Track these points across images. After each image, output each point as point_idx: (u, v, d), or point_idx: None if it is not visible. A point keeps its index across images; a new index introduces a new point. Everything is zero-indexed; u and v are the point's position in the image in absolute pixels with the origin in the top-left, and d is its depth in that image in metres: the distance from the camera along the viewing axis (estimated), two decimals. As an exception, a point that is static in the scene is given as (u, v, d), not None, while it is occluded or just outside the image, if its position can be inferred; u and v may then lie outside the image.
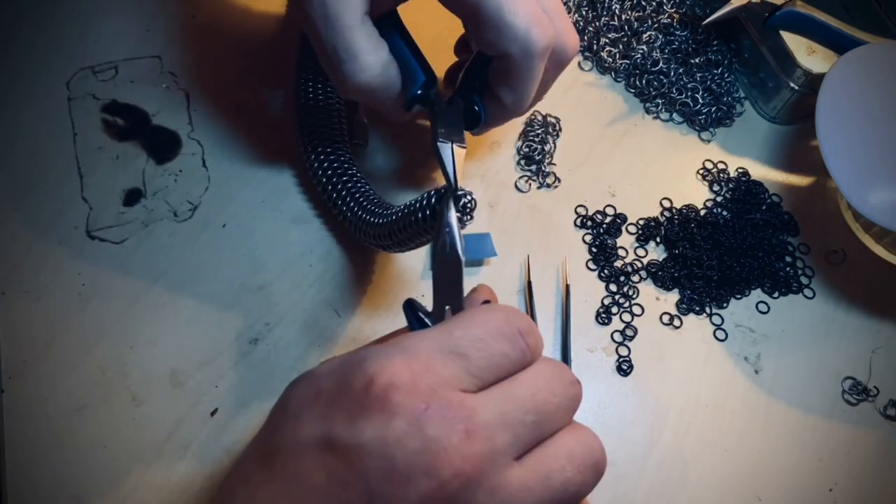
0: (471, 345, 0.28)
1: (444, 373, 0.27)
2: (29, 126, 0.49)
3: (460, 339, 0.28)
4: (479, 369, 0.28)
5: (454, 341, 0.28)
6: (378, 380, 0.26)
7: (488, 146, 0.53)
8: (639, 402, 0.46)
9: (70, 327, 0.43)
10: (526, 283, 0.48)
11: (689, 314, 0.49)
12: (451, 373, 0.27)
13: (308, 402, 0.28)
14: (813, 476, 0.45)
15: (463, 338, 0.28)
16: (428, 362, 0.27)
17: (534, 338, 0.30)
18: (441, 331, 0.29)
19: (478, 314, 0.30)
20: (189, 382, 0.43)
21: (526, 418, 0.28)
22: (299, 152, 0.48)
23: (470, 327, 0.29)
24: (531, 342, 0.29)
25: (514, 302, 0.48)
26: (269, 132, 0.50)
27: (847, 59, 0.51)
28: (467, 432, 0.26)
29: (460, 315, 0.30)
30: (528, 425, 0.28)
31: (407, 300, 0.33)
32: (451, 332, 0.29)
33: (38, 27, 0.52)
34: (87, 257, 0.45)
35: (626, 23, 0.58)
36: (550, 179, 0.52)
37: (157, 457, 0.41)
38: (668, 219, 0.52)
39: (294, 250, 0.47)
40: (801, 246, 0.53)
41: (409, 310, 0.33)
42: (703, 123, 0.56)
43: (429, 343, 0.28)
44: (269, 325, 0.45)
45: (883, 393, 0.48)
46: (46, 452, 0.40)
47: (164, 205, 0.47)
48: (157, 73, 0.51)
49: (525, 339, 0.29)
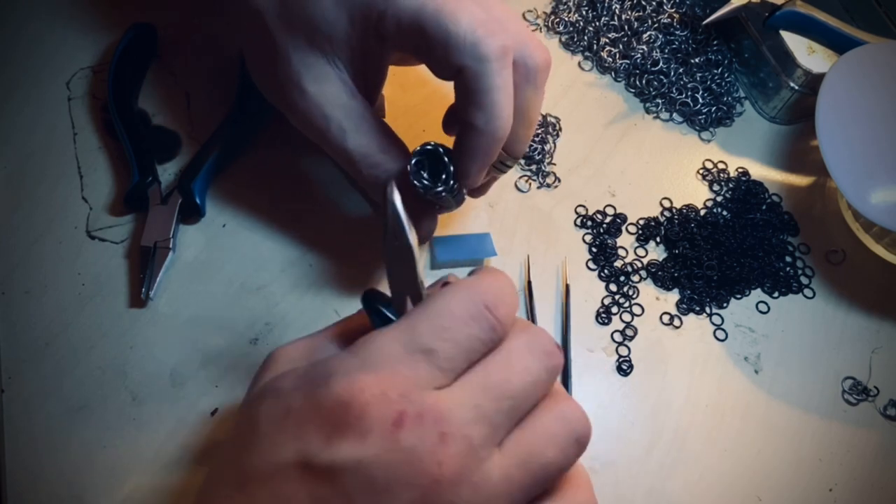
0: (436, 337, 0.27)
1: (414, 375, 0.27)
2: (29, 126, 0.49)
3: (423, 333, 0.27)
4: (449, 361, 0.27)
5: (417, 338, 0.27)
6: (347, 398, 0.26)
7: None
8: (639, 402, 0.46)
9: (70, 327, 0.43)
10: (526, 283, 0.48)
11: (689, 314, 0.49)
12: (421, 374, 0.27)
13: (278, 420, 0.27)
14: (813, 476, 0.45)
15: (426, 332, 0.27)
16: (394, 368, 0.27)
17: (504, 308, 0.28)
18: (403, 328, 0.28)
19: (438, 300, 0.28)
20: (189, 382, 0.43)
21: (502, 405, 0.27)
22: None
23: (432, 317, 0.28)
24: (501, 314, 0.28)
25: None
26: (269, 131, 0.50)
27: (847, 59, 0.51)
28: (441, 436, 0.26)
29: (421, 305, 0.29)
30: (505, 411, 0.27)
31: (365, 292, 0.31)
32: (413, 327, 0.28)
33: (38, 27, 0.52)
34: (87, 257, 0.45)
35: (626, 23, 0.58)
36: (550, 179, 0.52)
37: (156, 457, 0.41)
38: (668, 219, 0.52)
39: (294, 250, 0.47)
40: (801, 246, 0.53)
41: (368, 304, 0.31)
42: (703, 123, 0.56)
43: (392, 346, 0.27)
44: (269, 325, 0.45)
45: (883, 393, 0.48)
46: (46, 452, 0.40)
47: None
48: (157, 73, 0.51)
49: (494, 314, 0.28)
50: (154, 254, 0.44)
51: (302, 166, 0.49)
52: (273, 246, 0.47)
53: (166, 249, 0.44)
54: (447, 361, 0.27)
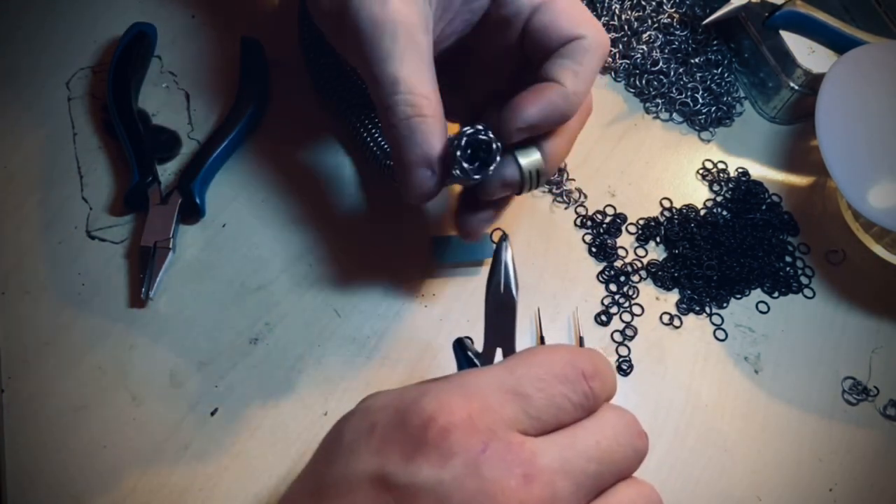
0: (532, 385, 0.27)
1: (504, 413, 0.26)
2: (29, 126, 0.49)
3: (521, 378, 0.27)
4: (539, 411, 0.27)
5: (515, 380, 0.27)
6: (436, 417, 0.26)
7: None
8: (639, 402, 0.46)
9: (70, 327, 0.43)
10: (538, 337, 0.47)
11: (689, 314, 0.49)
12: (511, 413, 0.26)
13: (362, 435, 0.27)
14: (813, 476, 0.45)
15: (524, 377, 0.27)
16: (487, 401, 0.26)
17: (600, 382, 0.28)
18: (502, 369, 0.28)
19: (540, 354, 0.28)
20: (189, 382, 0.43)
21: (589, 467, 0.26)
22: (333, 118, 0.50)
23: (532, 366, 0.28)
24: (596, 386, 0.28)
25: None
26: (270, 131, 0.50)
27: (847, 59, 0.51)
28: (526, 476, 0.25)
29: (522, 354, 0.29)
30: (591, 475, 0.26)
31: (457, 340, 0.32)
32: (512, 370, 0.28)
33: (38, 27, 0.52)
34: (87, 257, 0.45)
35: (626, 23, 0.58)
36: (575, 195, 0.52)
37: (156, 457, 0.41)
38: (668, 219, 0.52)
39: (294, 250, 0.47)
40: (801, 246, 0.53)
41: (458, 350, 0.32)
42: (702, 123, 0.56)
43: (489, 380, 0.27)
44: (269, 325, 0.45)
45: (883, 393, 0.48)
46: (46, 452, 0.40)
47: (163, 205, 0.48)
48: (157, 73, 0.51)
49: (589, 383, 0.28)
50: (154, 254, 0.44)
51: (302, 166, 0.49)
52: (273, 246, 0.47)
53: (166, 249, 0.44)
54: (538, 410, 0.27)
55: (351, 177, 0.50)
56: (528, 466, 0.25)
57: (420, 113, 0.36)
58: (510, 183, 0.38)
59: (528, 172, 0.38)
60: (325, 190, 0.49)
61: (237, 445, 0.42)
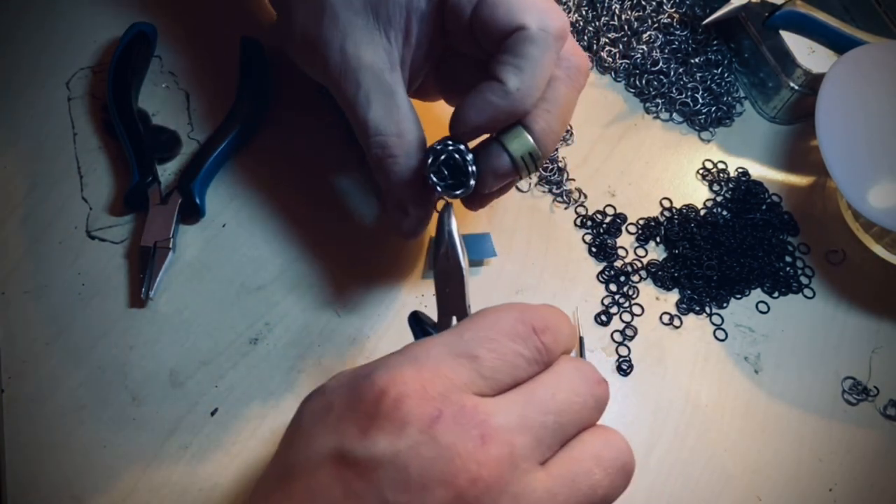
0: (481, 346, 0.27)
1: (455, 377, 0.27)
2: (29, 126, 0.49)
3: (470, 340, 0.27)
4: (493, 371, 0.27)
5: (464, 344, 0.27)
6: (387, 389, 0.26)
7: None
8: (639, 402, 0.46)
9: (70, 327, 0.43)
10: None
11: (689, 314, 0.49)
12: (463, 376, 0.27)
13: (319, 416, 0.28)
14: (813, 476, 0.45)
15: (473, 339, 0.27)
16: (437, 368, 0.27)
17: (552, 335, 0.28)
18: (450, 334, 0.28)
19: (488, 314, 0.29)
20: (189, 382, 0.43)
21: (546, 419, 0.27)
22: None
23: (480, 328, 0.28)
24: (548, 340, 0.28)
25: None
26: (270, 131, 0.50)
27: (847, 59, 0.51)
28: (482, 437, 0.25)
29: (471, 317, 0.29)
30: (550, 427, 0.27)
31: (412, 313, 0.32)
32: (460, 334, 0.28)
33: (38, 27, 0.52)
34: (87, 257, 0.45)
35: (626, 23, 0.58)
36: (575, 196, 0.52)
37: (156, 457, 0.41)
38: (668, 219, 0.52)
39: (294, 250, 0.47)
40: (801, 246, 0.53)
41: (414, 322, 0.32)
42: (702, 123, 0.56)
43: (438, 349, 0.27)
44: (269, 325, 0.45)
45: (883, 393, 0.48)
46: (46, 452, 0.40)
47: (163, 205, 0.48)
48: (157, 73, 0.51)
49: (541, 338, 0.28)
50: (154, 254, 0.44)
51: (302, 166, 0.49)
52: (273, 246, 0.47)
53: (166, 249, 0.44)
54: (490, 370, 0.27)
55: (351, 177, 0.50)
56: (484, 427, 0.25)
57: (390, 154, 0.38)
58: (503, 173, 0.38)
59: (520, 157, 0.37)
60: (325, 190, 0.49)
61: (237, 445, 0.42)
